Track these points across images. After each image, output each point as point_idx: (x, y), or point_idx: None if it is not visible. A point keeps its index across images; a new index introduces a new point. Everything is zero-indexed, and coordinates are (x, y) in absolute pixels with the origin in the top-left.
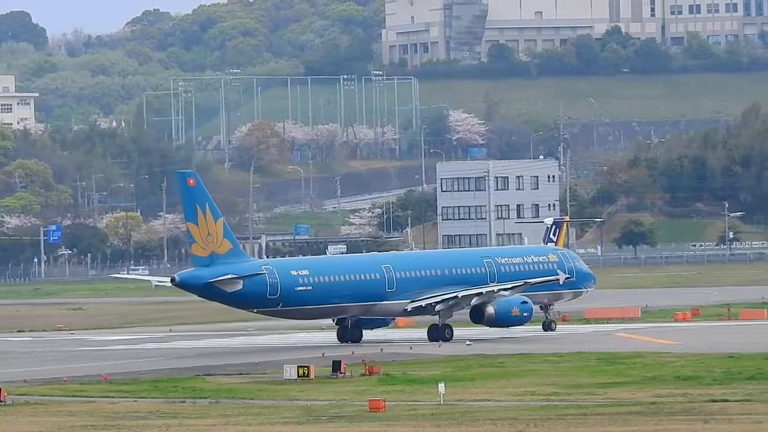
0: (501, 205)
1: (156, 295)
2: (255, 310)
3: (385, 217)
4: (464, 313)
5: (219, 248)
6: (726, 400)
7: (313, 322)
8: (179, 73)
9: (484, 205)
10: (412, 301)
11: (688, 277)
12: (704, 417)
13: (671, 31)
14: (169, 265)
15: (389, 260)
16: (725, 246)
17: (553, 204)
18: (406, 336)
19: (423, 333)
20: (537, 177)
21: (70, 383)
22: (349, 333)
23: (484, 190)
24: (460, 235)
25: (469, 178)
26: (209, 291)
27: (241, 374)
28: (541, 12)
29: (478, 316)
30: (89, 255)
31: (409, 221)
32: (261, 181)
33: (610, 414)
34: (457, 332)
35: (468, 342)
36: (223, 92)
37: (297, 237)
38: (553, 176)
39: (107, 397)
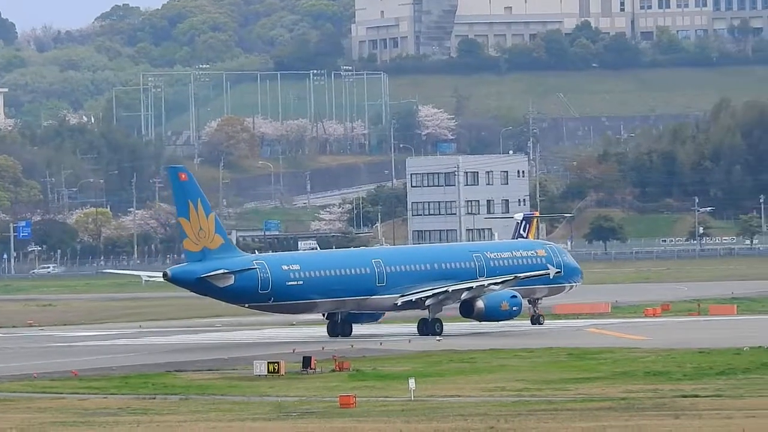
0: (471, 201)
1: (126, 291)
2: (247, 305)
3: (355, 212)
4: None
5: (211, 243)
6: (696, 396)
7: (283, 318)
8: (149, 68)
9: (454, 201)
10: (401, 296)
11: (658, 272)
12: (675, 412)
13: (641, 25)
14: (138, 261)
15: (379, 255)
16: (695, 241)
17: (523, 199)
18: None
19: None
20: (507, 172)
21: (40, 379)
22: (340, 327)
23: (454, 185)
24: (430, 231)
25: (438, 173)
26: (201, 286)
27: (211, 370)
28: (510, 7)
29: (468, 310)
30: (59, 251)
31: (379, 217)
32: (231, 177)
33: (581, 409)
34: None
35: (438, 338)
36: (192, 87)
37: (267, 233)
38: (523, 171)
39: (77, 393)
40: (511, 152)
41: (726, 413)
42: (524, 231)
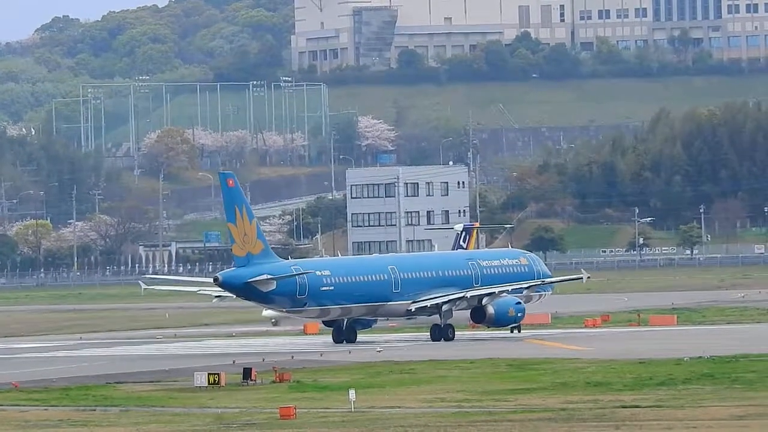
0: (411, 212)
1: (67, 302)
2: (284, 310)
3: (295, 224)
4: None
5: (254, 248)
6: (637, 406)
7: (225, 331)
8: (88, 80)
9: (394, 212)
10: (413, 302)
11: (598, 283)
12: (615, 423)
13: (581, 36)
14: (78, 273)
15: (394, 262)
16: (635, 252)
17: (463, 210)
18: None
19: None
20: (447, 183)
21: None
22: (345, 334)
23: (394, 196)
24: (370, 242)
25: (378, 184)
26: (247, 290)
27: (151, 382)
28: (450, 18)
29: (479, 316)
30: None
31: (320, 228)
32: (170, 188)
33: (521, 420)
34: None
35: (378, 348)
36: (132, 99)
37: (207, 244)
38: (463, 182)
39: (18, 405)
40: (451, 163)
41: (666, 423)
42: (464, 242)
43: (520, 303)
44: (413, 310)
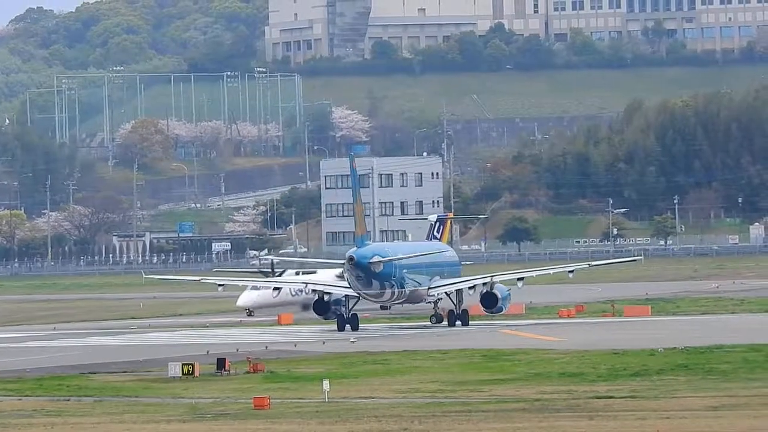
0: (385, 202)
1: (40, 292)
2: (378, 291)
3: (269, 214)
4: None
5: (363, 230)
6: (611, 397)
7: (199, 321)
8: (63, 70)
9: (368, 202)
10: (429, 288)
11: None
12: (589, 413)
13: (554, 27)
14: (53, 263)
15: (417, 249)
16: (609, 242)
17: (437, 201)
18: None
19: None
20: (421, 174)
21: None
22: (350, 321)
23: (368, 187)
24: (344, 232)
25: None
26: (365, 270)
27: (125, 372)
28: (424, 9)
29: (490, 302)
30: None
31: (293, 218)
32: (145, 179)
33: (495, 411)
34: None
35: (352, 339)
36: (106, 90)
37: (181, 235)
38: (437, 173)
39: None
40: (425, 154)
41: (640, 414)
42: (438, 232)
43: (509, 290)
44: (434, 295)
